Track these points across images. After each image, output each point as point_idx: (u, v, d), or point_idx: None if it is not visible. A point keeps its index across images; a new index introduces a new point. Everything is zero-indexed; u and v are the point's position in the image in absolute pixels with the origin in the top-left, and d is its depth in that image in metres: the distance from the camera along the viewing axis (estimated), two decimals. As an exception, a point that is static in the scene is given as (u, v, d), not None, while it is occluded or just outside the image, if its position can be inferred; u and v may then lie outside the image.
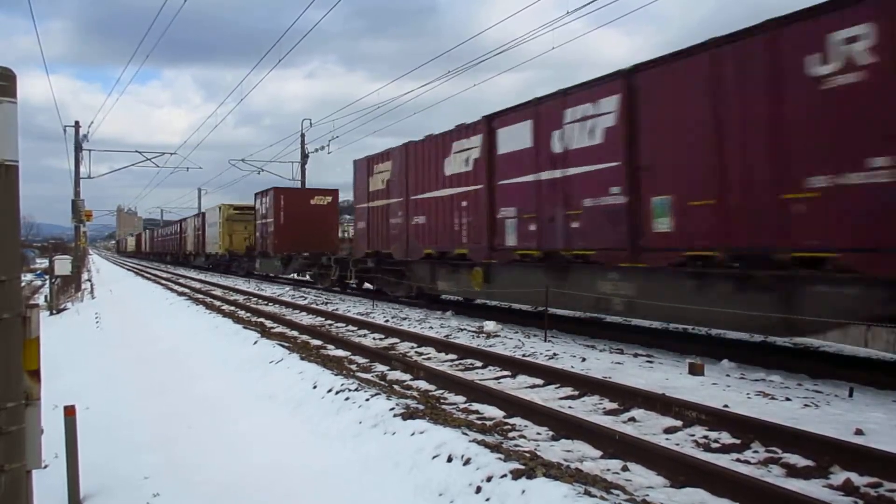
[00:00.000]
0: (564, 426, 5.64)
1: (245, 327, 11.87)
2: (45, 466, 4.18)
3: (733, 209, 8.43)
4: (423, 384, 7.73)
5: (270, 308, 17.51)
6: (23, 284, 3.40)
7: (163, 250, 66.72)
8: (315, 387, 6.89)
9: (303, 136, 36.27)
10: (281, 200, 28.71)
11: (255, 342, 10.00)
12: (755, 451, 5.13)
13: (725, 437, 5.44)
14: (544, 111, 11.82)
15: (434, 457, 4.56)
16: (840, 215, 7.23)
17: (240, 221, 36.53)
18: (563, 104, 11.31)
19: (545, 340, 10.86)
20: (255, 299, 20.39)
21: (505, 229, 12.93)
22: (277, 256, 28.88)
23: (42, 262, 57.30)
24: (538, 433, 5.67)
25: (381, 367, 8.85)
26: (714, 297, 8.77)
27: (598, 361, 8.79)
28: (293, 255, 27.47)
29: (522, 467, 4.03)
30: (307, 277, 27.40)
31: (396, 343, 10.95)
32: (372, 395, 6.04)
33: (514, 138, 12.64)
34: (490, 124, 13.34)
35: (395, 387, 7.30)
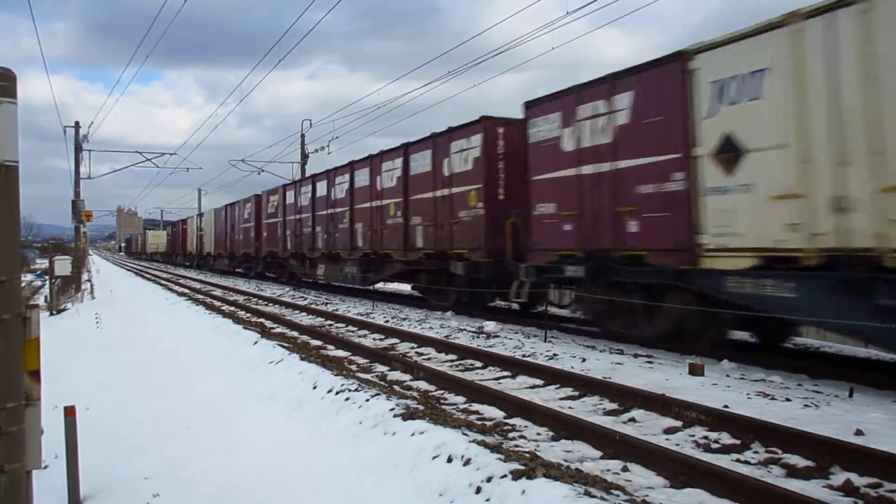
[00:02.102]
0: (564, 426, 5.64)
1: (245, 328, 11.87)
2: (45, 467, 4.19)
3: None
4: (423, 384, 7.73)
5: (270, 308, 17.52)
6: (23, 285, 3.40)
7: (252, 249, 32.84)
8: (315, 387, 6.89)
9: (303, 136, 36.30)
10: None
11: (256, 342, 10.00)
12: (755, 452, 5.13)
13: (725, 438, 5.43)
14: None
15: (434, 457, 4.56)
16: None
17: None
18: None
19: (545, 341, 10.85)
20: (255, 300, 20.40)
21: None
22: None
23: (42, 263, 57.26)
24: (538, 433, 5.67)
25: (381, 368, 8.85)
26: None
27: (599, 362, 8.79)
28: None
29: (522, 468, 4.03)
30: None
31: (396, 343, 10.95)
32: (372, 396, 6.04)
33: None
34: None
35: (395, 387, 7.30)
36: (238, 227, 35.19)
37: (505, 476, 3.98)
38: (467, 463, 4.31)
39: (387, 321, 13.74)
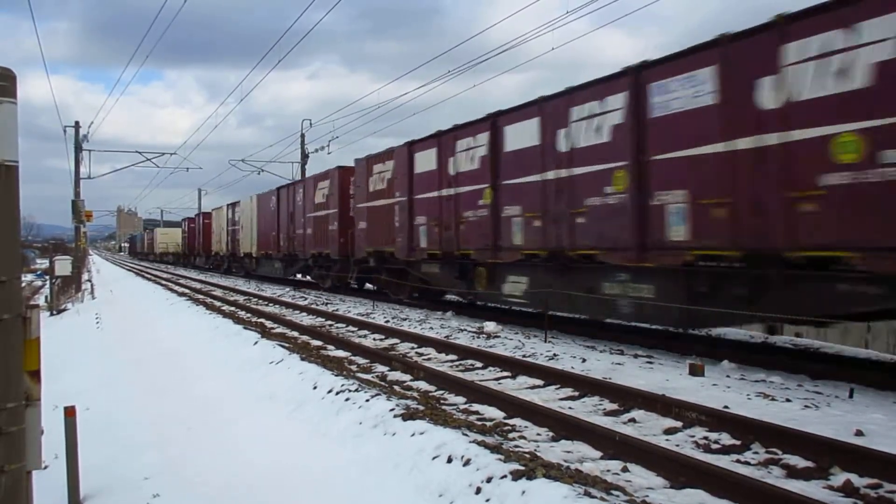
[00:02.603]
0: (564, 427, 5.64)
1: (245, 328, 11.87)
2: (45, 467, 4.18)
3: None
4: (423, 385, 7.73)
5: (271, 308, 17.52)
6: (23, 285, 3.40)
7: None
8: (315, 387, 6.90)
9: (303, 136, 36.27)
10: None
11: (256, 343, 10.00)
12: (755, 452, 5.13)
13: (725, 438, 5.43)
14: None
15: (434, 457, 4.56)
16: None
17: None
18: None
19: (545, 341, 10.85)
20: (256, 300, 20.40)
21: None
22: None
23: (42, 263, 57.24)
24: (538, 434, 5.67)
25: (381, 368, 8.85)
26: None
27: (599, 362, 8.79)
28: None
29: (522, 468, 4.03)
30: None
31: (396, 343, 10.95)
32: (372, 396, 6.04)
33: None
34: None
35: (396, 387, 7.30)
36: (302, 218, 24.79)
37: (505, 476, 3.98)
38: (467, 463, 4.31)
39: (387, 321, 13.74)
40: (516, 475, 3.95)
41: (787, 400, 6.63)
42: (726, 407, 6.20)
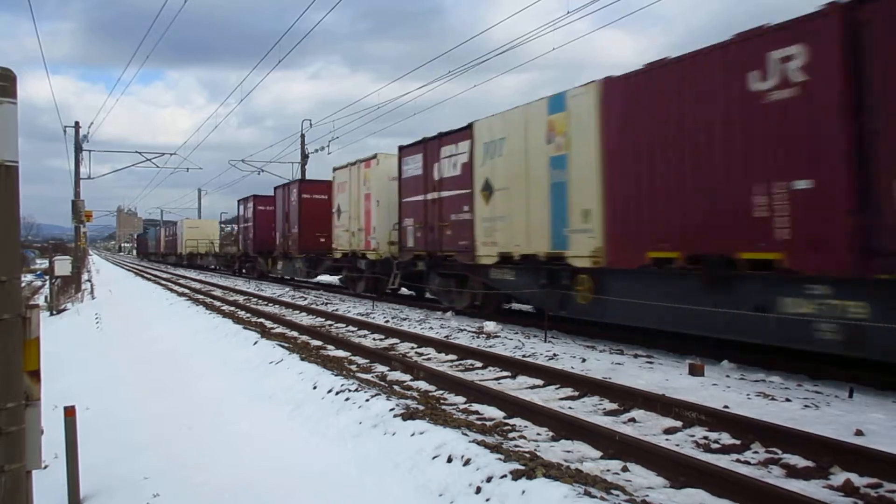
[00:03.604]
0: (564, 427, 5.64)
1: (245, 328, 11.87)
2: (45, 467, 4.19)
3: None
4: (423, 385, 7.73)
5: (270, 308, 17.52)
6: (23, 285, 3.40)
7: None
8: (315, 387, 6.90)
9: (303, 136, 36.25)
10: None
11: (255, 342, 10.00)
12: (755, 452, 5.13)
13: (725, 438, 5.44)
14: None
15: (434, 457, 4.56)
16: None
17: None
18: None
19: (545, 341, 10.86)
20: (255, 300, 20.40)
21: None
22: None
23: (42, 263, 57.19)
24: (538, 434, 5.67)
25: (381, 368, 8.85)
26: None
27: (599, 362, 8.79)
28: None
29: (522, 468, 4.03)
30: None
31: (396, 343, 10.95)
32: (372, 396, 6.04)
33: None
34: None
35: (395, 387, 7.30)
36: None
37: (505, 476, 3.98)
38: (467, 463, 4.31)
39: (387, 321, 13.75)
40: (516, 475, 3.95)
41: (787, 400, 6.63)
42: (726, 407, 6.21)
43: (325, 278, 27.89)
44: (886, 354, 7.01)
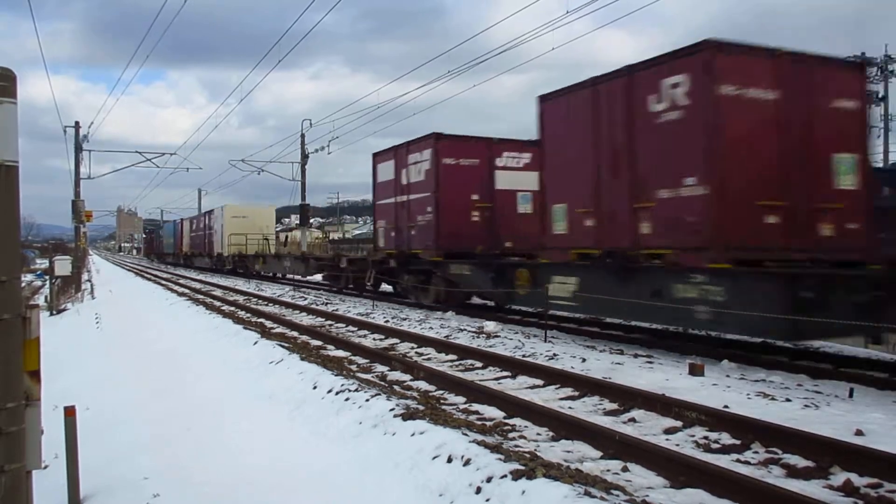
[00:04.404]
0: (564, 427, 5.64)
1: (245, 328, 11.87)
2: (45, 467, 4.19)
3: None
4: (423, 385, 7.73)
5: (270, 308, 17.52)
6: (23, 285, 3.40)
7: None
8: (315, 387, 6.89)
9: (303, 136, 36.21)
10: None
11: (255, 342, 10.00)
12: (755, 452, 5.13)
13: (725, 438, 5.44)
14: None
15: (434, 457, 4.56)
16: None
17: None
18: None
19: (545, 341, 10.85)
20: (255, 300, 20.40)
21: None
22: None
23: (42, 263, 57.14)
24: (538, 434, 5.67)
25: (381, 368, 8.85)
26: None
27: (599, 362, 8.79)
28: None
29: (522, 468, 4.03)
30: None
31: (396, 343, 10.95)
32: (372, 396, 6.04)
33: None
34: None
35: (395, 387, 7.30)
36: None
37: (505, 476, 3.98)
38: (467, 463, 4.31)
39: (387, 321, 13.75)
40: (516, 475, 3.95)
41: (787, 399, 6.63)
42: (726, 406, 6.21)
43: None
44: None
